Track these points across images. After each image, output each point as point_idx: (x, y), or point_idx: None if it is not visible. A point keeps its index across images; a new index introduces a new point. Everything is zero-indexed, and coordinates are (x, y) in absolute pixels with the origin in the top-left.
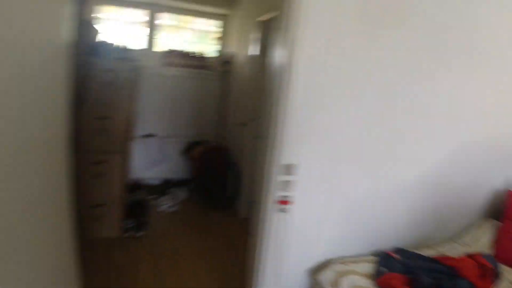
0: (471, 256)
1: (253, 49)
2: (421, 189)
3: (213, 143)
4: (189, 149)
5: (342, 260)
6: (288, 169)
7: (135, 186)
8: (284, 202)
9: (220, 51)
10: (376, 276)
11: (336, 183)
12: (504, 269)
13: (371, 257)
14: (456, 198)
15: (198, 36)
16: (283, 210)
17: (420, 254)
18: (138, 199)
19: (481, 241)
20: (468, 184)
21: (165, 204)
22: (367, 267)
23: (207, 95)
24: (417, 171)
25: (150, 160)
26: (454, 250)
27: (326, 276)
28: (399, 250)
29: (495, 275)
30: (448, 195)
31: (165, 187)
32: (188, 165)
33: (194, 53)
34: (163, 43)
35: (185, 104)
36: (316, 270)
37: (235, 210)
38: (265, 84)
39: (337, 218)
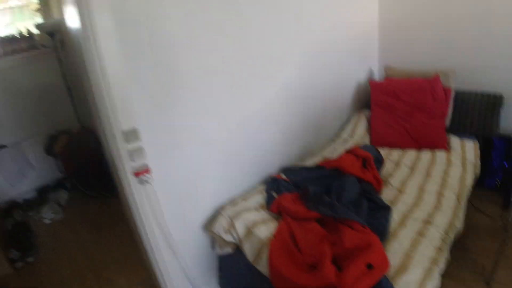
0: (350, 152)
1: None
2: (290, 104)
3: (75, 130)
4: (51, 145)
5: (232, 202)
6: (132, 135)
7: (9, 208)
8: (141, 172)
9: (43, 24)
10: (268, 204)
11: (201, 131)
12: (384, 152)
13: (261, 187)
14: (327, 102)
15: (17, 14)
16: (144, 181)
17: (305, 167)
18: (16, 222)
19: (357, 133)
20: (334, 86)
21: (48, 215)
22: (259, 199)
23: (50, 77)
24: (280, 88)
25: (14, 173)
26: (336, 151)
27: (220, 224)
28: (285, 170)
29: (378, 162)
30: (318, 102)
31: (42, 196)
32: (58, 163)
33: (15, 35)
34: None
35: (28, 96)
36: (210, 223)
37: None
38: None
39: (216, 165)
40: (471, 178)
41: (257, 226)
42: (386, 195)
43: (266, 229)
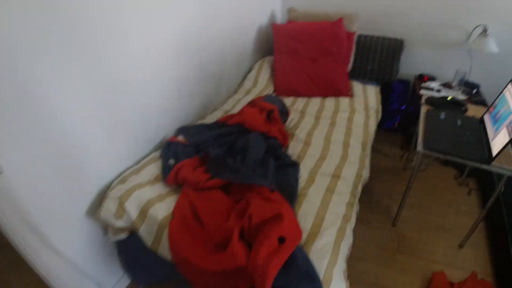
0: (253, 104)
1: None
2: (185, 54)
3: None
4: None
5: (121, 178)
6: None
7: None
8: None
9: None
10: (164, 175)
11: (66, 95)
12: (288, 101)
13: (155, 155)
14: (227, 50)
15: None
16: None
17: (204, 125)
18: None
19: (261, 82)
20: (234, 31)
21: None
22: (153, 169)
23: None
24: (172, 36)
25: None
26: (238, 103)
27: (107, 209)
28: (182, 130)
29: (283, 113)
30: (216, 50)
31: None
32: None
33: None
34: None
35: None
36: (96, 208)
37: None
38: None
39: (94, 136)
40: (374, 124)
41: (152, 205)
42: (293, 149)
43: (164, 207)
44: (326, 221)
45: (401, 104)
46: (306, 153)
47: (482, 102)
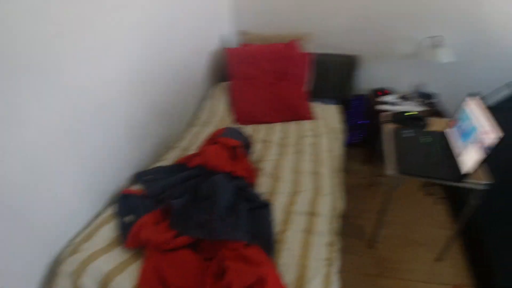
0: (214, 141)
1: None
2: (135, 90)
3: None
4: None
5: (71, 248)
6: None
7: None
8: None
9: None
10: (123, 237)
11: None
12: (250, 129)
13: (108, 213)
14: (180, 80)
15: None
16: None
17: (162, 168)
18: None
19: (218, 112)
20: (186, 59)
21: None
22: (108, 232)
23: None
24: (120, 72)
25: None
26: (197, 139)
27: None
28: (138, 177)
29: (246, 147)
30: (169, 82)
31: None
32: None
33: None
34: None
35: None
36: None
37: None
38: None
39: (34, 192)
40: (340, 147)
41: (113, 279)
42: (262, 186)
43: (126, 278)
44: (310, 270)
45: (360, 119)
46: (277, 189)
47: (439, 113)
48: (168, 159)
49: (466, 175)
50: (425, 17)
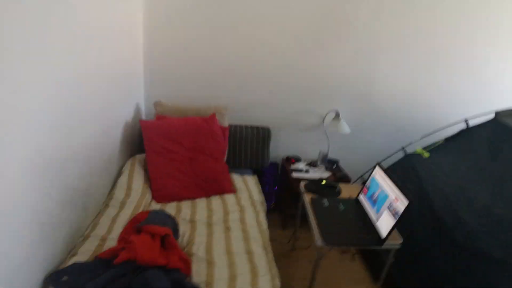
0: (137, 228)
1: None
2: (43, 177)
3: None
4: None
5: None
6: None
7: None
8: None
9: None
10: None
11: None
12: (172, 207)
13: None
14: (92, 158)
15: None
16: None
17: (81, 266)
18: None
19: (134, 188)
20: (101, 135)
21: None
22: None
23: None
24: (24, 161)
25: None
26: (115, 224)
27: None
28: (51, 282)
29: (174, 231)
30: (80, 163)
31: None
32: None
33: None
34: None
35: None
36: None
37: None
38: None
39: None
40: (265, 219)
41: None
42: (198, 274)
43: None
44: None
45: (273, 185)
46: (214, 276)
47: (345, 177)
48: (85, 253)
49: (385, 240)
50: (323, 95)
